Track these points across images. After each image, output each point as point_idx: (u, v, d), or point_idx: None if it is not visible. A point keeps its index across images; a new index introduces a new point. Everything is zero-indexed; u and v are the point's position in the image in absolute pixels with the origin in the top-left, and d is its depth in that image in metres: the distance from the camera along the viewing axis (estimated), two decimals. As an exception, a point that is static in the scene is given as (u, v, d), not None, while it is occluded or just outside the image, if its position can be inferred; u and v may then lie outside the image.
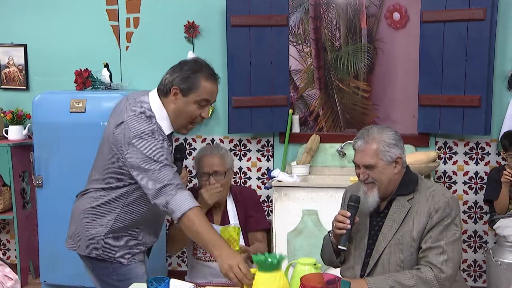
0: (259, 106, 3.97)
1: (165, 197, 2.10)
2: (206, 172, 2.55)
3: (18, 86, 4.43)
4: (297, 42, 4.11)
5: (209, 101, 2.28)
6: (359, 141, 2.22)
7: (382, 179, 2.20)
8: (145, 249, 2.45)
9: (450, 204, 2.18)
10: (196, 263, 2.63)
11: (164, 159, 2.14)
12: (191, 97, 2.23)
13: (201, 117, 2.28)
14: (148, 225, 2.42)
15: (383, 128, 2.25)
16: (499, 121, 3.78)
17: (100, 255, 2.36)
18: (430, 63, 3.74)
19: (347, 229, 2.17)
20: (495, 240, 3.80)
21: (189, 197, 2.11)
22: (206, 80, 2.25)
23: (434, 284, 2.09)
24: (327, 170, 3.99)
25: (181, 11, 4.11)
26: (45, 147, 3.74)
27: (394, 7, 3.98)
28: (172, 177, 2.13)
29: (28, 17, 4.35)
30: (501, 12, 3.70)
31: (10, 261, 4.52)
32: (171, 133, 2.30)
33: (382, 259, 2.19)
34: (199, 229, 2.07)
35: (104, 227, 2.33)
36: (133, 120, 2.22)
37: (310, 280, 1.76)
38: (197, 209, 2.10)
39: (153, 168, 2.12)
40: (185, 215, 2.07)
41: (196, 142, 4.23)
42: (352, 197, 2.22)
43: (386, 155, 2.18)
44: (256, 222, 2.66)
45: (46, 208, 3.80)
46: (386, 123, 4.08)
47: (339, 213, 2.21)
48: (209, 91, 2.25)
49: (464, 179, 3.93)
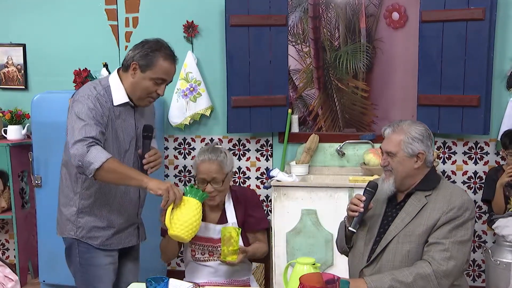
0: (258, 106, 3.97)
1: (81, 149, 2.24)
2: (204, 179, 2.55)
3: (17, 86, 4.43)
4: (296, 42, 4.11)
5: (165, 80, 2.41)
6: (388, 129, 2.31)
7: (399, 170, 2.25)
8: (114, 231, 2.51)
9: (465, 205, 2.19)
10: (195, 264, 2.63)
11: (89, 119, 2.29)
12: (148, 74, 2.37)
13: (156, 94, 2.42)
14: (112, 204, 2.49)
15: (415, 122, 2.31)
16: (498, 120, 3.79)
17: (74, 234, 2.48)
18: (429, 63, 3.75)
19: (359, 212, 2.24)
20: (494, 239, 3.80)
21: (103, 151, 2.26)
22: (164, 59, 2.38)
23: (432, 279, 2.10)
24: (326, 170, 3.99)
25: (180, 10, 4.11)
26: (44, 147, 3.73)
27: (393, 6, 3.98)
28: (92, 134, 2.27)
29: (27, 17, 4.35)
30: (500, 12, 3.70)
31: (9, 261, 4.52)
32: (126, 102, 2.44)
33: (389, 248, 2.21)
34: (122, 171, 2.27)
35: (74, 206, 2.48)
36: (79, 90, 2.43)
37: (309, 280, 1.76)
38: (113, 158, 2.26)
39: (78, 125, 2.28)
40: (103, 166, 2.22)
41: (195, 142, 4.23)
42: (370, 183, 2.30)
43: (408, 147, 2.23)
44: (257, 223, 2.65)
45: (45, 208, 3.79)
46: (385, 123, 4.05)
47: (355, 196, 2.29)
48: (166, 70, 2.39)
49: (463, 178, 3.93)
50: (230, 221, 2.59)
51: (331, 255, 3.56)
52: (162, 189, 2.23)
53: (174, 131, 4.22)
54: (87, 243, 2.48)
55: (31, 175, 3.86)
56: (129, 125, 2.47)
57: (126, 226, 2.57)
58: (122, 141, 2.45)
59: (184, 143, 4.24)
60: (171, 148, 4.26)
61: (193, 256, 2.62)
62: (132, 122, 2.48)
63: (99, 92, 2.39)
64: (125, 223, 2.55)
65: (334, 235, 3.47)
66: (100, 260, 2.51)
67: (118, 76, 2.46)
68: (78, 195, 2.47)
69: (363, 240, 2.32)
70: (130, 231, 2.60)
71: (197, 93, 4.06)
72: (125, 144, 2.46)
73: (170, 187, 2.25)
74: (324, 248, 3.56)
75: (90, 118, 2.30)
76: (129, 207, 2.55)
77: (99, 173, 2.24)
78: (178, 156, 4.26)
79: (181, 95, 4.06)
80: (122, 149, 2.46)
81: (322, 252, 3.56)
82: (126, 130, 2.46)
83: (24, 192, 4.26)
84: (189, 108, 4.07)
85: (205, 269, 2.61)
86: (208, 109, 4.10)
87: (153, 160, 2.47)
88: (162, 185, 2.26)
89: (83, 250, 2.50)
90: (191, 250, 2.62)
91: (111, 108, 2.40)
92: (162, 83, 2.41)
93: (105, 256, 2.53)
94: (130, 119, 2.48)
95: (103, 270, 2.51)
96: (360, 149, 3.97)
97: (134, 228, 2.62)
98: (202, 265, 2.61)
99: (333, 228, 3.45)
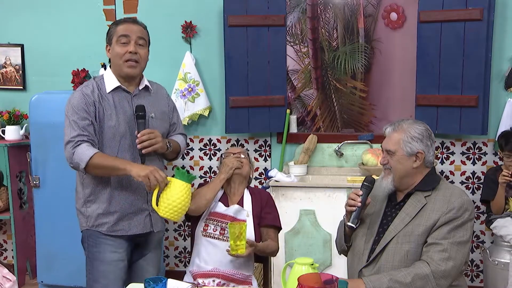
0: (257, 106, 3.97)
1: (68, 152, 2.43)
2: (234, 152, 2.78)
3: (15, 86, 4.42)
4: (295, 42, 4.11)
5: (126, 36, 2.52)
6: (389, 128, 2.32)
7: (398, 168, 2.26)
8: (118, 216, 2.55)
9: (465, 206, 2.19)
10: (205, 241, 2.63)
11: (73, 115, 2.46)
12: (113, 43, 2.54)
13: (129, 53, 2.52)
14: (113, 189, 2.55)
15: (416, 122, 2.32)
16: (496, 121, 3.79)
17: (86, 224, 2.58)
18: (427, 63, 3.75)
19: (357, 207, 2.25)
20: (492, 240, 3.81)
21: (87, 148, 2.42)
22: (118, 24, 2.57)
23: (430, 279, 2.10)
24: (324, 170, 3.99)
25: (178, 11, 4.11)
26: (42, 147, 3.73)
27: (392, 7, 3.98)
28: (76, 132, 2.43)
29: (25, 17, 4.34)
30: (498, 12, 3.71)
31: (7, 262, 4.51)
32: (118, 87, 2.56)
33: (389, 248, 2.21)
34: (107, 164, 2.41)
35: (81, 198, 2.59)
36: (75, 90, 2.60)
37: (307, 280, 1.76)
38: (97, 154, 2.41)
39: (65, 125, 2.49)
40: (89, 163, 2.40)
41: (193, 142, 4.23)
42: (367, 177, 2.31)
43: (407, 146, 2.24)
44: (273, 219, 2.75)
45: (43, 209, 3.79)
46: (383, 123, 4.06)
47: (353, 191, 2.30)
48: (122, 29, 2.53)
49: (461, 179, 3.94)
50: (246, 208, 2.69)
51: (329, 255, 3.56)
52: (141, 176, 2.34)
53: (173, 132, 4.22)
54: (97, 232, 2.55)
55: (29, 176, 3.86)
56: (125, 110, 2.54)
57: (133, 212, 2.58)
58: (115, 125, 2.51)
59: (182, 144, 4.24)
60: (169, 148, 4.25)
61: (204, 231, 2.64)
62: (128, 107, 2.55)
63: (87, 85, 2.55)
64: (131, 208, 2.57)
65: (332, 235, 3.47)
66: (106, 255, 2.54)
67: (110, 68, 2.64)
68: (82, 185, 2.58)
69: (363, 239, 2.32)
70: (140, 218, 2.61)
71: (195, 93, 4.06)
72: (120, 128, 2.52)
73: (150, 172, 2.34)
74: (323, 248, 3.56)
75: (74, 113, 2.46)
76: (133, 191, 2.57)
77: (88, 170, 2.44)
78: (176, 157, 4.26)
79: (179, 95, 4.05)
80: (117, 133, 2.52)
81: (320, 253, 3.57)
82: (120, 115, 2.52)
83: (22, 193, 4.26)
84: (188, 108, 4.07)
85: (214, 250, 2.61)
86: (206, 110, 4.10)
87: (146, 139, 2.48)
88: (142, 171, 2.36)
89: (91, 244, 2.57)
90: (205, 224, 2.66)
91: (100, 95, 2.52)
92: (126, 41, 2.52)
93: (111, 252, 2.54)
94: (125, 104, 2.55)
95: (109, 266, 2.53)
96: (358, 150, 3.97)
97: (145, 215, 2.62)
98: (212, 243, 2.61)
99: (331, 228, 3.45)
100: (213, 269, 2.57)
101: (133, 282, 2.57)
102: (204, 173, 4.25)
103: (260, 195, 2.78)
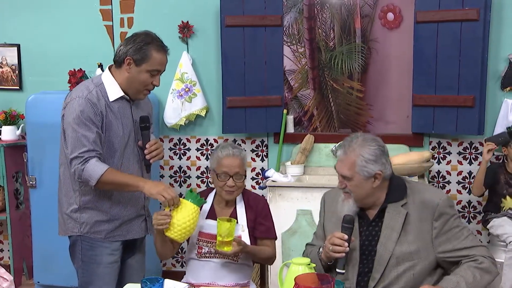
0: (254, 106, 3.97)
1: (77, 167, 2.37)
2: (227, 172, 2.54)
3: (12, 86, 4.41)
4: (291, 42, 4.11)
5: (159, 71, 2.49)
6: (340, 150, 2.17)
7: (358, 192, 2.14)
8: (118, 223, 2.54)
9: (447, 203, 2.14)
10: (199, 262, 2.58)
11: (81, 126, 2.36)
12: (144, 67, 2.44)
13: (152, 85, 2.50)
14: (114, 197, 2.52)
15: (367, 141, 2.14)
16: (492, 121, 3.80)
17: (78, 231, 2.52)
18: (424, 63, 3.75)
19: (345, 252, 2.10)
20: (488, 239, 3.82)
21: (98, 164, 2.36)
22: (157, 51, 2.46)
23: (493, 270, 2.08)
24: (321, 170, 3.99)
25: (175, 11, 4.11)
26: (38, 148, 3.72)
27: (388, 7, 3.99)
28: (85, 147, 2.36)
29: (22, 17, 4.33)
30: (494, 13, 3.71)
31: (3, 262, 4.50)
32: (122, 97, 2.50)
33: (390, 272, 2.10)
34: (118, 180, 2.39)
35: (74, 204, 2.52)
36: (72, 92, 2.50)
37: (304, 280, 1.77)
38: (108, 170, 2.37)
39: (72, 136, 2.38)
40: (100, 180, 2.35)
41: (190, 142, 4.22)
42: (346, 217, 2.13)
43: (363, 170, 2.10)
44: (267, 231, 2.66)
45: (39, 209, 3.78)
46: (380, 123, 4.10)
47: (336, 236, 2.10)
48: (160, 61, 2.47)
49: (457, 179, 3.94)
50: (240, 223, 2.59)
51: (326, 255, 3.56)
52: (153, 194, 2.36)
53: (169, 132, 4.22)
54: (92, 238, 2.52)
55: (26, 176, 3.85)
56: (127, 118, 2.52)
57: (132, 218, 2.59)
58: (121, 135, 2.48)
59: (179, 144, 4.23)
60: (166, 148, 4.25)
61: (199, 253, 2.58)
62: (130, 116, 2.54)
63: (91, 91, 2.44)
64: (130, 215, 2.58)
65: (329, 235, 3.47)
66: (103, 258, 2.53)
67: (110, 73, 2.52)
68: (77, 192, 2.51)
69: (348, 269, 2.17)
70: (137, 223, 2.62)
71: (192, 93, 4.06)
72: (125, 137, 2.50)
73: (163, 190, 2.35)
74: (320, 248, 3.56)
75: (82, 125, 2.38)
76: (133, 199, 2.57)
77: (98, 186, 2.40)
78: (173, 157, 4.26)
79: (176, 95, 4.05)
80: (121, 143, 2.49)
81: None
82: (124, 124, 2.50)
83: (18, 193, 4.25)
84: (184, 108, 4.06)
85: (208, 266, 2.57)
86: (203, 110, 4.10)
87: (154, 149, 2.53)
88: (154, 188, 2.36)
89: (86, 247, 2.53)
90: (198, 247, 2.58)
91: (106, 104, 2.44)
92: (157, 74, 2.49)
93: (108, 255, 2.54)
94: (127, 113, 2.53)
95: (105, 268, 2.53)
96: (355, 150, 3.97)
97: (141, 220, 2.64)
98: (206, 261, 2.57)
99: (328, 228, 3.45)
100: (211, 282, 2.54)
101: (120, 280, 2.57)
102: (201, 173, 4.24)
103: (255, 202, 2.67)
